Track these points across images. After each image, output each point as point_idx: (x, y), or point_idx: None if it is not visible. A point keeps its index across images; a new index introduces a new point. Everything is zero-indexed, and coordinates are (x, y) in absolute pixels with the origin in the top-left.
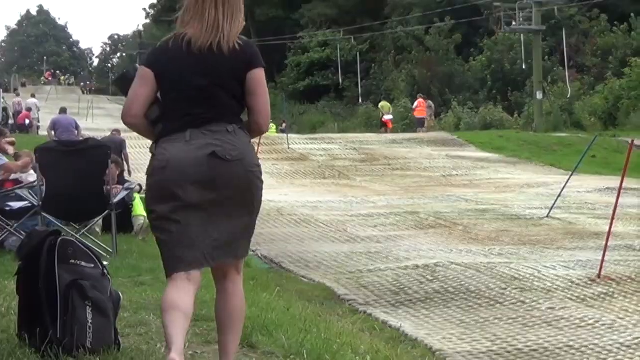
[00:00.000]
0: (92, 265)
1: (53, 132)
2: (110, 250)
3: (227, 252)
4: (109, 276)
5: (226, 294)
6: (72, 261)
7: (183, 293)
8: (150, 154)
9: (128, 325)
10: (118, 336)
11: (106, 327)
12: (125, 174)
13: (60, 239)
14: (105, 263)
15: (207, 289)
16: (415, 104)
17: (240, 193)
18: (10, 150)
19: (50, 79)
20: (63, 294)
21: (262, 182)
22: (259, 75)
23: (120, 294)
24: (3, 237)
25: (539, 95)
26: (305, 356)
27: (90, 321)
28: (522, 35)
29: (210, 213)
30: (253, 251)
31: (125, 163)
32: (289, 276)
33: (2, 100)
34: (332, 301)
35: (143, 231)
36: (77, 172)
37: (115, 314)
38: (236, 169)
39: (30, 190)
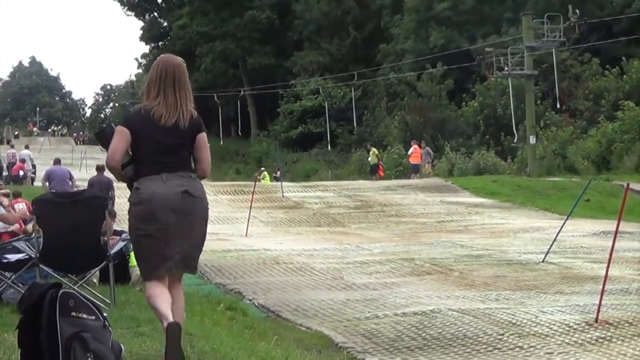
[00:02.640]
0: (94, 317)
1: (47, 183)
2: (108, 302)
3: (182, 266)
4: (110, 328)
5: (175, 296)
6: (74, 314)
7: (160, 288)
8: (133, 190)
9: None
10: None
11: None
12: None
13: (61, 291)
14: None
15: (207, 340)
16: (411, 150)
17: (200, 219)
18: (5, 202)
19: (34, 129)
20: (65, 346)
21: (208, 213)
22: (203, 137)
23: (122, 345)
24: (0, 289)
25: (532, 140)
26: None
27: None
28: (509, 80)
29: (178, 237)
30: (250, 300)
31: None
32: (286, 325)
33: None
34: (330, 349)
35: (140, 281)
36: (74, 223)
37: None
38: (199, 203)
39: (27, 242)
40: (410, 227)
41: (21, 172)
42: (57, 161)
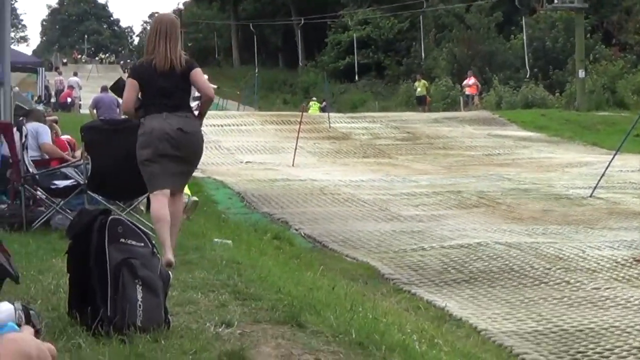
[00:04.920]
0: (142, 244)
1: (95, 111)
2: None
3: (182, 182)
4: (158, 255)
5: (174, 204)
6: (122, 240)
7: (162, 205)
8: (140, 125)
9: (177, 303)
10: (168, 315)
11: (156, 306)
12: None
13: (110, 217)
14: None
15: (254, 268)
16: (472, 80)
17: (193, 152)
18: (56, 128)
19: (79, 56)
20: (113, 272)
21: (203, 143)
22: (196, 72)
23: (170, 273)
24: (49, 215)
25: (581, 74)
26: (354, 335)
27: (140, 300)
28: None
29: (174, 160)
30: (296, 230)
31: None
32: (332, 255)
33: (44, 79)
34: (376, 280)
35: (188, 209)
36: (122, 150)
37: (165, 293)
38: (192, 138)
39: (75, 169)
40: (457, 160)
41: (69, 99)
42: (105, 89)
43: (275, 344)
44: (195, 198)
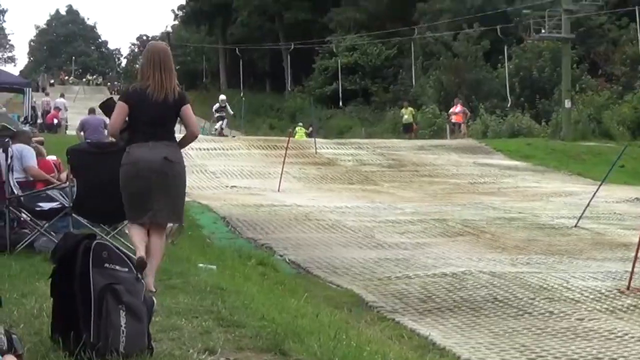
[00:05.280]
0: (127, 270)
1: (82, 133)
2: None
3: (166, 215)
4: (142, 280)
5: (153, 240)
6: (107, 265)
7: (139, 230)
8: (125, 153)
9: (160, 329)
10: (151, 341)
11: (139, 332)
12: None
13: (95, 242)
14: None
15: (238, 295)
16: (458, 108)
17: (177, 180)
18: (43, 150)
19: (66, 77)
20: (97, 297)
21: (185, 174)
22: (187, 108)
23: (154, 299)
24: (33, 237)
25: (568, 104)
26: None
27: (124, 325)
28: (544, 43)
29: (158, 192)
30: (281, 256)
31: None
32: (316, 282)
33: (31, 100)
34: (360, 308)
35: (173, 234)
36: (108, 174)
37: (149, 319)
38: (176, 167)
39: (60, 191)
40: (442, 188)
41: (55, 121)
42: (92, 110)
43: None
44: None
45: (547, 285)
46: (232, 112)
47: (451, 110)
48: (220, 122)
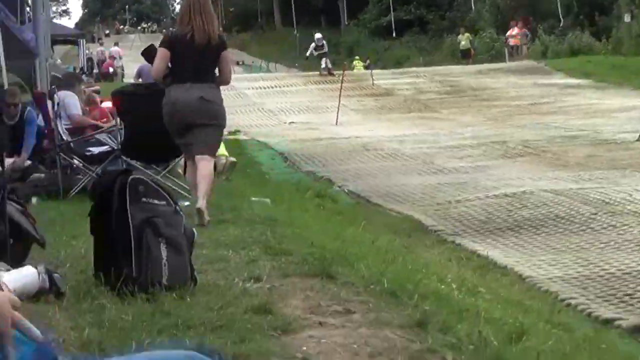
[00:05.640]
0: (164, 203)
1: (140, 80)
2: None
3: (210, 148)
4: (181, 213)
5: (202, 166)
6: (144, 199)
7: (193, 170)
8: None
9: (206, 261)
10: (194, 272)
11: (181, 264)
12: None
13: (130, 177)
14: (187, 203)
15: (290, 225)
16: (516, 31)
17: (214, 117)
18: (97, 98)
19: (121, 27)
20: (136, 232)
21: (224, 113)
22: (226, 54)
23: (195, 231)
24: (85, 182)
25: (627, 18)
26: (386, 285)
27: (165, 258)
28: None
29: (198, 128)
30: (339, 187)
31: None
32: (376, 209)
33: (86, 51)
34: (420, 232)
35: (226, 170)
36: (154, 114)
37: (190, 251)
38: (213, 105)
39: (109, 135)
40: (502, 111)
41: (111, 69)
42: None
43: (304, 296)
44: (232, 159)
45: (609, 200)
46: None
47: (508, 33)
48: (324, 59)
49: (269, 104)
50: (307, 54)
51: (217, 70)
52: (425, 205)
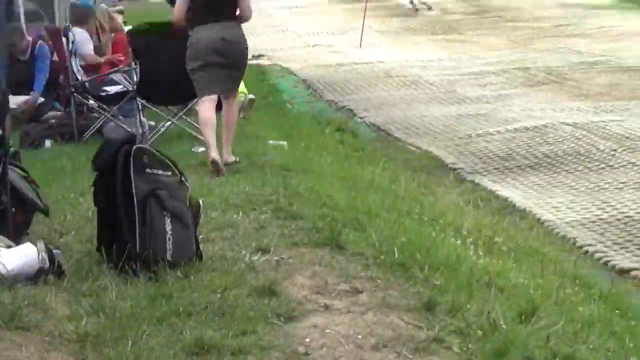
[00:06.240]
0: (169, 173)
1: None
2: None
3: (230, 87)
4: (186, 183)
5: (227, 108)
6: (149, 170)
7: (208, 108)
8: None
9: (215, 227)
10: (199, 247)
11: (187, 238)
12: None
13: (135, 147)
14: (202, 149)
15: (304, 175)
16: None
17: (237, 59)
18: (120, 19)
19: None
20: (140, 204)
21: (247, 50)
22: None
23: (201, 202)
24: (100, 122)
25: None
26: (396, 255)
27: (169, 232)
28: None
29: (220, 67)
30: (361, 118)
31: None
32: (396, 144)
33: None
34: (440, 170)
35: (244, 108)
36: (171, 55)
37: (195, 224)
38: (235, 46)
39: (124, 75)
40: (527, 33)
41: None
42: None
43: (311, 272)
44: (251, 96)
45: (629, 134)
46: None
47: None
48: None
49: (293, 25)
50: None
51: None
52: (446, 139)
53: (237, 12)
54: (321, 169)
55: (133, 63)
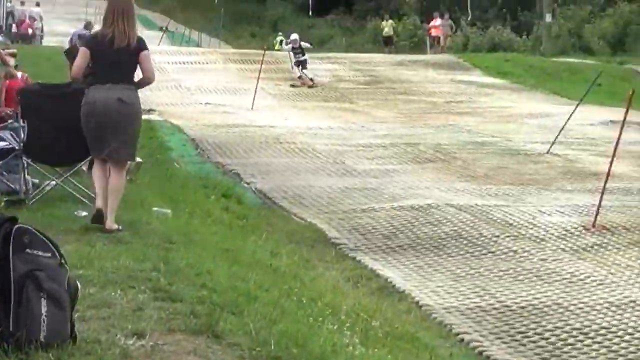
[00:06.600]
0: (49, 255)
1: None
2: (93, 196)
3: (118, 152)
4: (66, 266)
5: (115, 176)
6: (28, 250)
7: (101, 174)
8: (85, 94)
9: (92, 305)
10: (74, 329)
11: (61, 320)
12: None
13: (16, 227)
14: (84, 214)
15: (186, 249)
16: (439, 21)
17: (130, 121)
18: (12, 62)
19: None
20: (17, 285)
21: (141, 115)
22: (145, 54)
23: (78, 284)
24: None
25: (548, 18)
26: (273, 347)
27: (44, 314)
28: None
29: (113, 131)
30: (247, 184)
31: None
32: (280, 214)
33: (5, 7)
34: (322, 244)
35: (131, 171)
36: (61, 116)
37: (72, 306)
38: (130, 108)
39: (12, 132)
40: (418, 107)
41: (30, 30)
42: (88, 25)
43: None
44: (139, 159)
45: (512, 221)
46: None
47: (431, 23)
48: (298, 67)
49: (187, 80)
50: (282, 46)
51: (140, 72)
52: (331, 212)
53: (137, 77)
54: (204, 240)
55: (21, 121)
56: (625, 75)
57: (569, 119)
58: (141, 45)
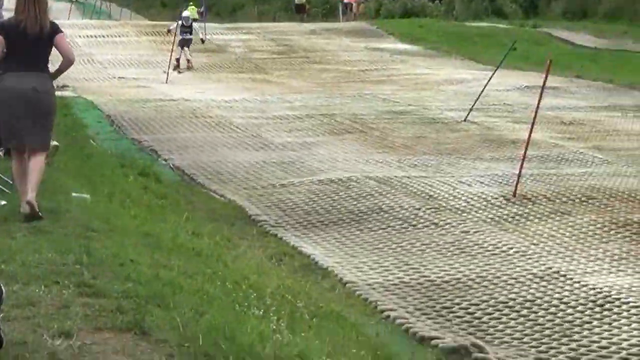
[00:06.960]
0: None
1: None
2: (11, 183)
3: (34, 140)
4: None
5: (34, 162)
6: None
7: (20, 165)
8: None
9: (16, 304)
10: (1, 333)
11: None
12: None
13: None
14: (3, 203)
15: (108, 237)
16: None
17: (44, 110)
18: None
19: None
20: None
21: (55, 102)
22: (60, 37)
23: (3, 288)
24: None
25: None
26: (201, 342)
27: None
28: None
29: (28, 118)
30: (165, 160)
31: None
32: (200, 191)
33: None
34: (243, 221)
35: (48, 155)
36: None
37: None
38: (44, 97)
39: None
40: (333, 76)
41: None
42: None
43: None
44: (55, 143)
45: (433, 193)
46: (203, 38)
47: None
48: (184, 49)
49: (99, 54)
50: (171, 28)
51: (56, 57)
52: (250, 188)
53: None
54: (125, 225)
55: None
56: (540, 39)
57: (485, 86)
58: (55, 29)
